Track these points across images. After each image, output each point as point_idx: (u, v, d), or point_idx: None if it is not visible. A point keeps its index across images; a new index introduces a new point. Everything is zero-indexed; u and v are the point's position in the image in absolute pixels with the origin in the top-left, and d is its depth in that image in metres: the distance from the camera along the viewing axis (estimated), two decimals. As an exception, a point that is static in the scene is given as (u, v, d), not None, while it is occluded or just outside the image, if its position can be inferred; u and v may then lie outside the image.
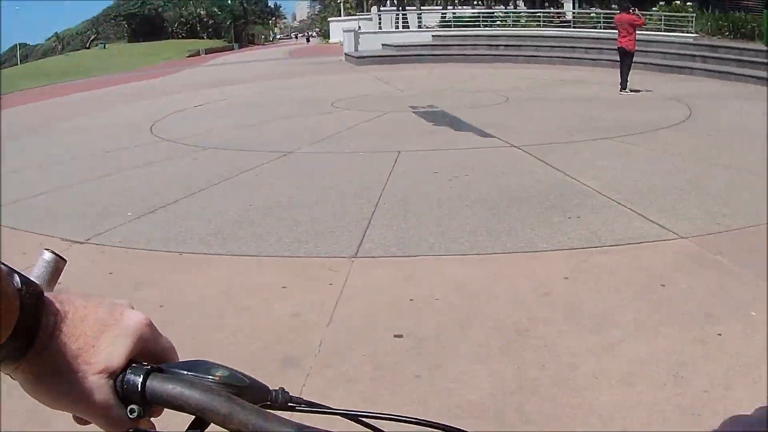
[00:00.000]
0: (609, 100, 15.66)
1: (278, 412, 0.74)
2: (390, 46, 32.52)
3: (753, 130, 11.32)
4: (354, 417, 0.77)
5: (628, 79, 17.13)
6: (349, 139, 11.47)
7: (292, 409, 0.77)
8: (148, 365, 0.73)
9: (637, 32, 17.38)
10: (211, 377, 0.73)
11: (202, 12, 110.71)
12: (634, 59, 17.43)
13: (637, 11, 17.50)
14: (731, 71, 20.21)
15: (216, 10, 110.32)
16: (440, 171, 8.91)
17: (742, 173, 8.38)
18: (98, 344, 0.71)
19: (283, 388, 0.78)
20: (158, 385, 0.71)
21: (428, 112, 14.49)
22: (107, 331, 0.72)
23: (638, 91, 17.00)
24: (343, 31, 36.67)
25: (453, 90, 18.71)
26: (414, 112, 14.46)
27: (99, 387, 0.70)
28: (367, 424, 0.78)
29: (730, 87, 18.23)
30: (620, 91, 16.99)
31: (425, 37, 33.42)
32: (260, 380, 0.76)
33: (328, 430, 0.69)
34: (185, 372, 0.73)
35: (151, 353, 0.75)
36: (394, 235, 6.50)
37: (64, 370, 0.69)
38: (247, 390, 0.74)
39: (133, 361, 0.73)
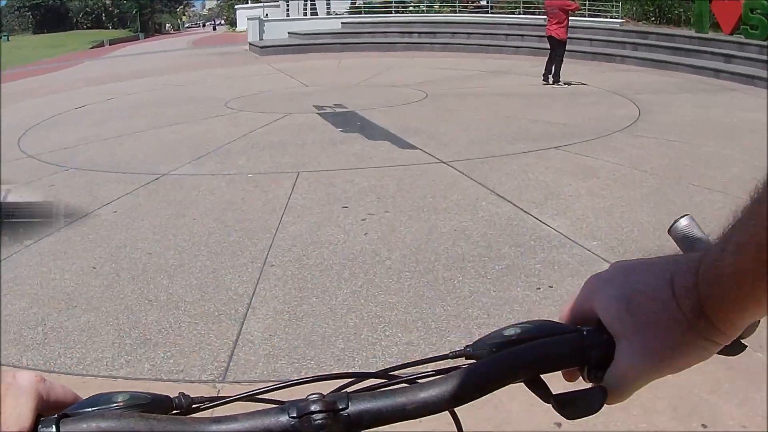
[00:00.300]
0: (543, 96, 13.81)
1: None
2: (297, 34, 30.31)
3: (718, 133, 9.54)
4: (250, 397, 0.79)
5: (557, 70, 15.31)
6: (238, 154, 9.21)
7: (198, 409, 0.77)
8: (55, 415, 0.70)
9: (570, 18, 15.53)
10: (115, 404, 0.72)
11: (107, 1, 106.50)
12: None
13: (572, -6, 15.65)
14: (665, 59, 18.84)
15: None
16: (351, 204, 6.76)
17: (737, 199, 6.46)
18: (3, 411, 0.67)
19: (183, 393, 0.77)
20: (72, 428, 0.69)
21: (336, 113, 12.31)
22: (7, 395, 0.68)
23: (570, 83, 15.16)
24: (247, 18, 34.39)
25: (364, 84, 16.57)
26: (319, 114, 12.26)
27: None
28: (263, 399, 0.79)
29: (669, 77, 16.64)
30: (553, 84, 15.15)
31: (334, 25, 31.28)
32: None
33: (240, 413, 0.71)
34: (90, 408, 0.72)
35: (52, 404, 0.71)
36: (283, 332, 4.29)
37: None
38: (152, 405, 0.74)
39: (40, 416, 0.69)
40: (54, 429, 0.67)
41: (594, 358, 0.73)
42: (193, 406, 0.76)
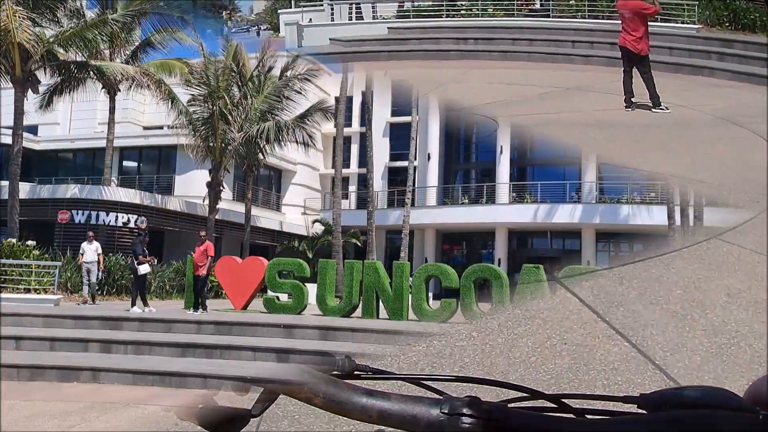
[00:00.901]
0: (648, 127, 11.28)
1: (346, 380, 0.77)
2: (339, 41, 27.78)
3: None
4: (416, 381, 0.82)
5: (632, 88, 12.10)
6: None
7: (358, 376, 0.80)
8: None
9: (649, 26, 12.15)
10: None
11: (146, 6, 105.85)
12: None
13: (652, -6, 12.31)
14: (757, 72, 15.91)
15: (161, 3, 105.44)
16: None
17: None
18: None
19: (348, 357, 0.81)
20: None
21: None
22: None
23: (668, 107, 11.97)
24: (284, 24, 32.09)
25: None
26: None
27: None
28: (428, 386, 0.80)
29: (770, 96, 13.58)
30: (653, 108, 11.89)
31: (380, 30, 28.74)
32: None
33: (394, 392, 0.70)
34: None
35: None
36: None
37: None
38: (316, 362, 0.76)
39: None
40: None
41: None
42: (355, 372, 0.79)
